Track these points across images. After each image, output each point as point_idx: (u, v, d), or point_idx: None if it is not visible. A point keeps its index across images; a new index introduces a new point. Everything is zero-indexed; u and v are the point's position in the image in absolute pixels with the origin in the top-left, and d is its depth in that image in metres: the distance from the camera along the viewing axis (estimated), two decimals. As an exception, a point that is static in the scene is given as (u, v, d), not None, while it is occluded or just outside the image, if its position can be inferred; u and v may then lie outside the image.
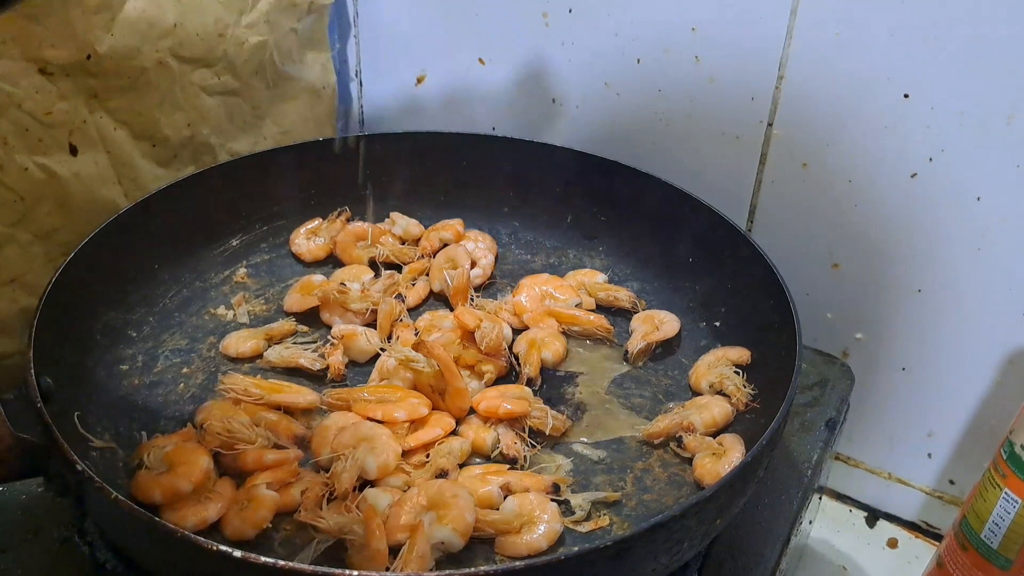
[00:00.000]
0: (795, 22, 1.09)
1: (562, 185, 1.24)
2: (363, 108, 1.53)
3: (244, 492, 0.84)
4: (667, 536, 0.73)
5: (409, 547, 0.78)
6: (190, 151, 1.24)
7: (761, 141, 1.18)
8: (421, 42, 1.40)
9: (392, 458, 0.88)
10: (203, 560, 0.68)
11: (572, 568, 0.69)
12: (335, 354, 1.02)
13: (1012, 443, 0.94)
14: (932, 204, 1.09)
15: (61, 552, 0.86)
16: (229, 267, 1.18)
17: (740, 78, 1.16)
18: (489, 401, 0.95)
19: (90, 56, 1.07)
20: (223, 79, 1.24)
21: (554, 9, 1.26)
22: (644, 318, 1.10)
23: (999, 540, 0.96)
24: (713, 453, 0.91)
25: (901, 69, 1.04)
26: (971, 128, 1.03)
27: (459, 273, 1.12)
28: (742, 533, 0.93)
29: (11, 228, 1.05)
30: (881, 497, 1.30)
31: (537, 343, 1.04)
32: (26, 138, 1.04)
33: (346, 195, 1.26)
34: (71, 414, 0.88)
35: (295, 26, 1.32)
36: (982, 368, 1.14)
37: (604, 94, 1.27)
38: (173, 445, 0.86)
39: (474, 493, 0.84)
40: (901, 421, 1.23)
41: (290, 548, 0.83)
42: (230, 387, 0.94)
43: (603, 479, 0.91)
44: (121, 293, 1.06)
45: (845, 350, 1.23)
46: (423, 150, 1.28)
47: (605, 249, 1.23)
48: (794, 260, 1.17)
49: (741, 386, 0.98)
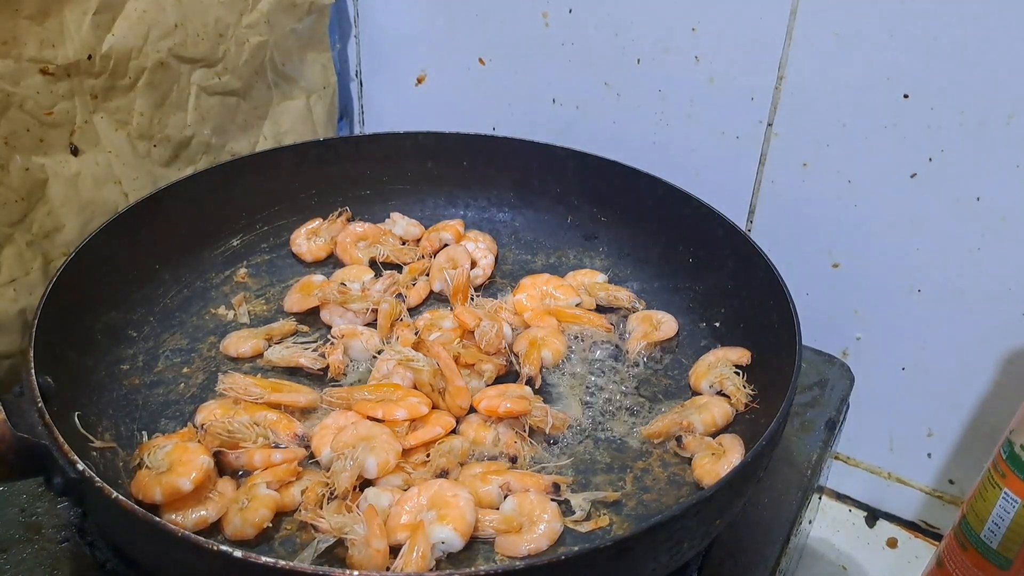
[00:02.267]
0: (795, 22, 1.09)
1: (562, 185, 1.24)
2: (363, 108, 1.53)
3: (244, 492, 0.84)
4: (667, 536, 0.73)
5: (409, 547, 0.78)
6: (190, 151, 1.24)
7: (761, 141, 1.18)
8: (421, 42, 1.40)
9: (392, 457, 0.88)
10: (203, 560, 0.68)
11: (572, 568, 0.69)
12: (335, 353, 1.02)
13: (1012, 443, 0.94)
14: (932, 204, 1.09)
15: (61, 552, 0.86)
16: (229, 267, 1.18)
17: (740, 78, 1.16)
18: (489, 400, 0.95)
19: (90, 56, 1.07)
20: (223, 79, 1.24)
21: (554, 9, 1.26)
22: (642, 318, 1.10)
23: (999, 540, 0.96)
24: (713, 453, 0.91)
25: (901, 69, 1.04)
26: (971, 128, 1.03)
27: (459, 273, 1.12)
28: (742, 533, 0.94)
29: (11, 228, 1.05)
30: (881, 497, 1.30)
31: (537, 342, 1.04)
32: (26, 138, 1.04)
33: (346, 195, 1.26)
34: (71, 414, 0.88)
35: (295, 26, 1.32)
36: (982, 368, 1.14)
37: (604, 94, 1.27)
38: (173, 445, 0.86)
39: (474, 493, 0.84)
40: (901, 421, 1.23)
41: (290, 548, 0.83)
42: (230, 387, 0.94)
43: (603, 479, 0.91)
44: (121, 293, 1.06)
45: (845, 350, 1.23)
46: (423, 150, 1.28)
47: (605, 249, 1.23)
48: (794, 260, 1.17)
49: (741, 386, 0.98)
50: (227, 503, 0.84)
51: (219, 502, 0.84)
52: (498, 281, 1.20)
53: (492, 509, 0.85)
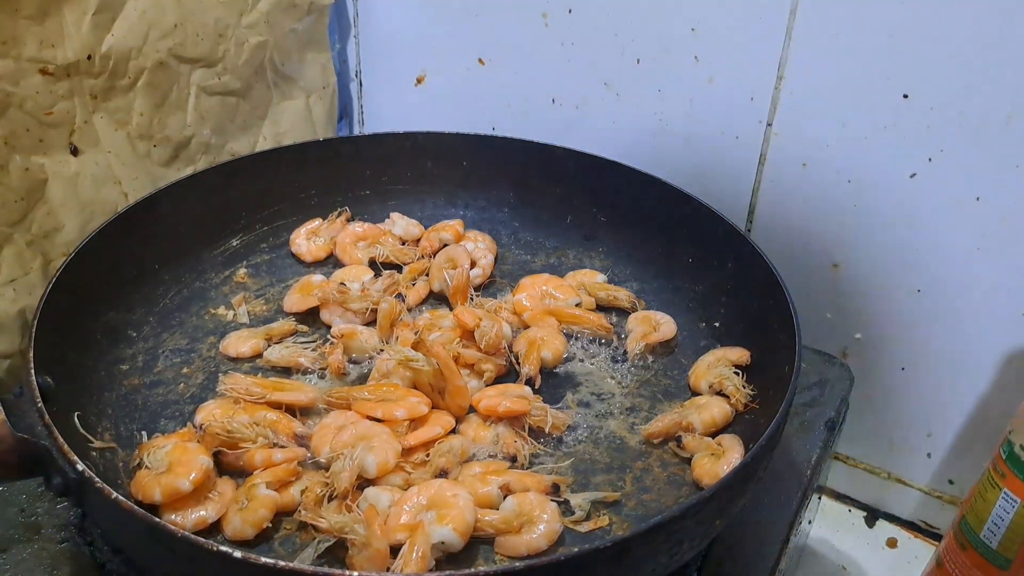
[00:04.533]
0: (795, 22, 1.09)
1: (562, 185, 1.24)
2: (363, 108, 1.53)
3: (244, 492, 0.84)
4: (667, 536, 0.73)
5: (409, 547, 0.78)
6: (190, 151, 1.24)
7: (761, 141, 1.18)
8: (421, 42, 1.40)
9: (392, 457, 0.88)
10: (203, 560, 0.68)
11: (572, 568, 0.69)
12: (335, 353, 1.02)
13: (1011, 443, 0.94)
14: (932, 204, 1.09)
15: (61, 552, 0.86)
16: (229, 267, 1.18)
17: (740, 78, 1.16)
18: (489, 400, 0.95)
19: (90, 56, 1.07)
20: (223, 79, 1.24)
21: (554, 9, 1.26)
22: (641, 318, 1.10)
23: (998, 540, 0.96)
24: (712, 453, 0.91)
25: (901, 69, 1.04)
26: (971, 128, 1.03)
27: (459, 273, 1.12)
28: (742, 533, 0.93)
29: (11, 228, 1.05)
30: (880, 497, 1.30)
31: (537, 342, 1.04)
32: (26, 138, 1.04)
33: (346, 195, 1.26)
34: (71, 414, 0.88)
35: (295, 26, 1.32)
36: (982, 368, 1.14)
37: (604, 94, 1.27)
38: (173, 445, 0.86)
39: (474, 493, 0.84)
40: (900, 421, 1.23)
41: (290, 547, 0.83)
42: (232, 387, 0.94)
43: (603, 479, 0.91)
44: (121, 293, 1.06)
45: (845, 350, 1.23)
46: (423, 150, 1.27)
47: (605, 249, 1.23)
48: (794, 260, 1.18)
49: (740, 386, 0.98)
50: (227, 503, 0.84)
51: (219, 502, 0.84)
52: (498, 281, 1.19)
53: (492, 509, 0.85)
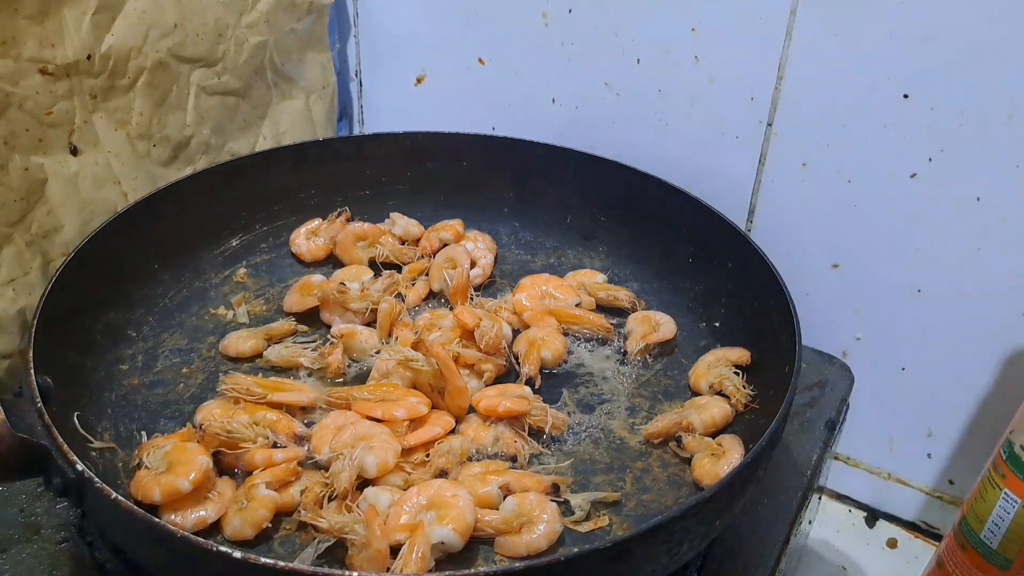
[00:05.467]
0: (795, 22, 1.09)
1: (562, 185, 1.24)
2: (363, 108, 1.53)
3: (243, 492, 0.84)
4: (667, 537, 0.73)
5: (409, 547, 0.78)
6: (189, 151, 1.24)
7: (761, 141, 1.18)
8: (421, 42, 1.40)
9: (391, 457, 0.88)
10: (203, 560, 0.68)
11: (572, 568, 0.69)
12: (335, 353, 1.02)
13: (1012, 443, 0.94)
14: (932, 204, 1.09)
15: (61, 552, 0.86)
16: (229, 267, 1.18)
17: (740, 78, 1.16)
18: (489, 400, 0.95)
19: (90, 56, 1.07)
20: (223, 79, 1.24)
21: (554, 9, 1.26)
22: (641, 319, 1.10)
23: (999, 540, 0.96)
24: (712, 454, 0.91)
25: (901, 69, 1.04)
26: (971, 128, 1.03)
27: (459, 273, 1.12)
28: (742, 533, 0.93)
29: (10, 228, 1.05)
30: (881, 497, 1.30)
31: (537, 342, 1.04)
32: (26, 138, 1.04)
33: (345, 195, 1.26)
34: (71, 414, 0.88)
35: (295, 26, 1.32)
36: (982, 368, 1.14)
37: (604, 94, 1.27)
38: (173, 445, 0.86)
39: (474, 493, 0.84)
40: (901, 421, 1.23)
41: (290, 548, 0.83)
42: (232, 387, 0.94)
43: (603, 479, 0.91)
44: (121, 293, 1.06)
45: (845, 350, 1.23)
46: (423, 150, 1.28)
47: (605, 249, 1.23)
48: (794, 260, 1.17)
49: (740, 387, 0.98)
50: (226, 503, 0.84)
51: (218, 502, 0.84)
52: (498, 281, 1.19)
53: (492, 509, 0.85)
